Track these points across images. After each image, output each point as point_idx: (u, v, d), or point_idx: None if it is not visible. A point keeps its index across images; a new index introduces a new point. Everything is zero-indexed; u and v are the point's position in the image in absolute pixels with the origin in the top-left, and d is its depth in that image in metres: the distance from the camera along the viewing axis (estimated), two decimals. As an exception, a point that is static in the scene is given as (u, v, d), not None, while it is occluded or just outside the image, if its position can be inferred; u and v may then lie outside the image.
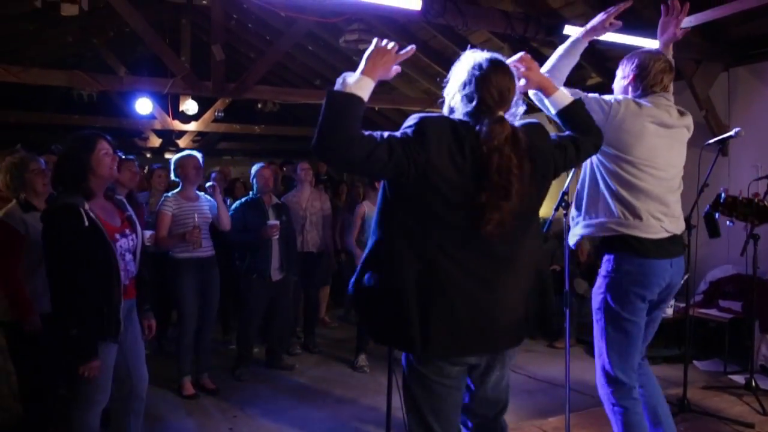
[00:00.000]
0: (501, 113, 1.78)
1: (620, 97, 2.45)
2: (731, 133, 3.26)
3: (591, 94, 2.40)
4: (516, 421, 3.62)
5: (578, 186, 2.58)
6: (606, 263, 2.48)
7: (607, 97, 2.42)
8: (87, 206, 2.50)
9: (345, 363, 5.07)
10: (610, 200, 2.42)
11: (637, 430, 2.46)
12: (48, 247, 2.50)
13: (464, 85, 1.80)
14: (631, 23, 4.80)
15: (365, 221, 4.95)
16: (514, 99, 1.84)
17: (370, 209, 4.84)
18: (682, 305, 4.72)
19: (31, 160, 3.21)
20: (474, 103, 1.77)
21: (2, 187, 3.18)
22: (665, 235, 2.41)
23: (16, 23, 6.47)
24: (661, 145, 2.41)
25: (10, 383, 1.66)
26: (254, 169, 4.85)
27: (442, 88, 1.92)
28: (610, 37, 4.65)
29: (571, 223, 2.61)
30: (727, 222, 1.72)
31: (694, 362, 4.80)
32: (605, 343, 2.47)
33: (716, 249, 5.06)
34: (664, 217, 2.41)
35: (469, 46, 1.95)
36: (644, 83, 2.46)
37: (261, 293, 4.64)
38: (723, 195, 1.69)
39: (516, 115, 1.88)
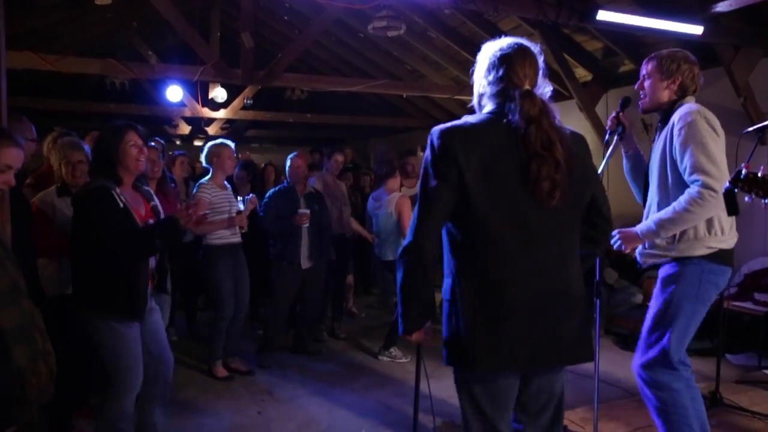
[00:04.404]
0: (528, 88, 1.78)
1: (690, 115, 2.41)
2: (772, 121, 3.17)
3: (688, 156, 2.37)
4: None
5: (658, 202, 2.56)
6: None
7: (690, 134, 2.38)
8: (118, 190, 2.56)
9: (371, 350, 5.09)
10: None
11: (696, 405, 2.52)
12: (82, 225, 2.54)
13: (490, 68, 1.83)
14: (665, 7, 4.69)
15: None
16: (539, 79, 1.84)
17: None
18: (716, 297, 4.62)
19: (81, 147, 3.29)
20: (502, 83, 1.79)
21: (56, 166, 3.23)
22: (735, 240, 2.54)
23: (51, 13, 6.59)
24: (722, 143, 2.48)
25: (48, 364, 1.70)
26: (288, 158, 4.89)
27: (471, 74, 1.93)
28: (644, 22, 4.55)
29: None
30: (746, 198, 1.69)
31: (727, 356, 4.70)
32: (672, 326, 2.52)
33: (752, 241, 4.92)
34: (733, 222, 2.51)
35: (503, 35, 1.93)
36: (691, 89, 2.53)
37: (290, 280, 4.69)
38: (744, 171, 1.66)
39: (543, 95, 1.86)
